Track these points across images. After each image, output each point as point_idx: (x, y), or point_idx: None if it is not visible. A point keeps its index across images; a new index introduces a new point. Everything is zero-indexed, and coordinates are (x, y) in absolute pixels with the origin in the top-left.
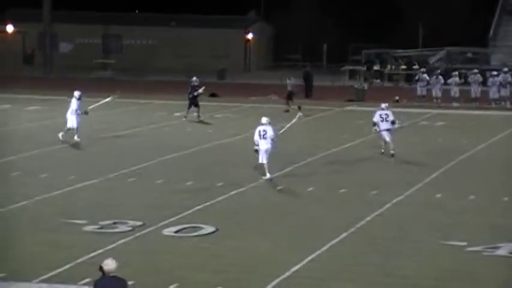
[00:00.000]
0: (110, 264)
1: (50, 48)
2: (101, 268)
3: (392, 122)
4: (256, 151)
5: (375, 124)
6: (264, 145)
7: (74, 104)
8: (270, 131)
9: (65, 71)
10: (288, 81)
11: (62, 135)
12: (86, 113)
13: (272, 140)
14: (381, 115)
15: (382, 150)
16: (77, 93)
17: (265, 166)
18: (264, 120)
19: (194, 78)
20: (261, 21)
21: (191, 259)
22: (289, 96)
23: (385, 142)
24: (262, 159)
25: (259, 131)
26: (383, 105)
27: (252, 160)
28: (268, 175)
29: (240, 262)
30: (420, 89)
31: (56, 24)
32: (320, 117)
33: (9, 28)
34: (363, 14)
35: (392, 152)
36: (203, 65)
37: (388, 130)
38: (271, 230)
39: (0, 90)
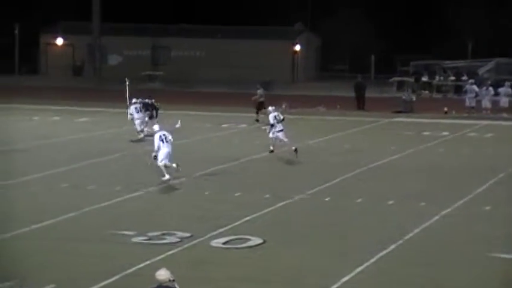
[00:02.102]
0: (163, 275)
1: (99, 60)
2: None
3: (283, 120)
4: (156, 157)
5: (272, 125)
6: (165, 148)
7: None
8: (168, 135)
9: (114, 82)
10: (258, 91)
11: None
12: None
13: (171, 142)
14: (275, 117)
15: (272, 148)
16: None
17: (168, 167)
18: (157, 127)
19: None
20: (308, 32)
21: (239, 270)
22: (260, 106)
23: (280, 141)
24: (163, 161)
25: (160, 136)
26: (271, 108)
27: (299, 172)
28: (167, 176)
29: (288, 273)
30: (468, 100)
31: (104, 37)
32: (368, 128)
33: (59, 41)
34: (410, 24)
35: (294, 147)
36: (250, 76)
37: (282, 131)
38: (319, 241)
39: (50, 102)
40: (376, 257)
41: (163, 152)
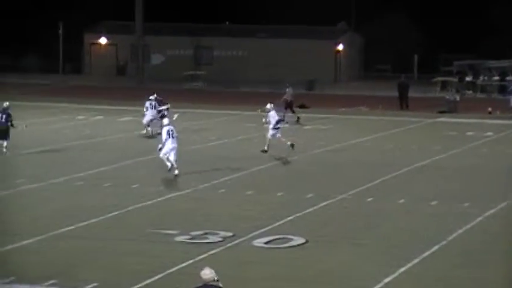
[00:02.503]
0: (208, 274)
1: (142, 60)
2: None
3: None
4: (161, 149)
5: (278, 121)
6: (171, 143)
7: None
8: (174, 131)
9: (156, 82)
10: (287, 90)
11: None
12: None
13: (177, 137)
14: (274, 116)
15: (266, 148)
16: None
17: (167, 161)
18: (166, 121)
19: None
20: (351, 32)
21: (280, 270)
22: (289, 106)
23: (273, 139)
24: (167, 154)
25: (168, 131)
26: (271, 106)
27: (341, 172)
28: (169, 164)
29: (330, 273)
30: None
31: (147, 36)
32: (411, 128)
33: (103, 40)
34: (454, 24)
35: (289, 143)
36: (292, 76)
37: (279, 129)
38: (361, 241)
39: (94, 101)
40: (419, 257)
41: (168, 146)
